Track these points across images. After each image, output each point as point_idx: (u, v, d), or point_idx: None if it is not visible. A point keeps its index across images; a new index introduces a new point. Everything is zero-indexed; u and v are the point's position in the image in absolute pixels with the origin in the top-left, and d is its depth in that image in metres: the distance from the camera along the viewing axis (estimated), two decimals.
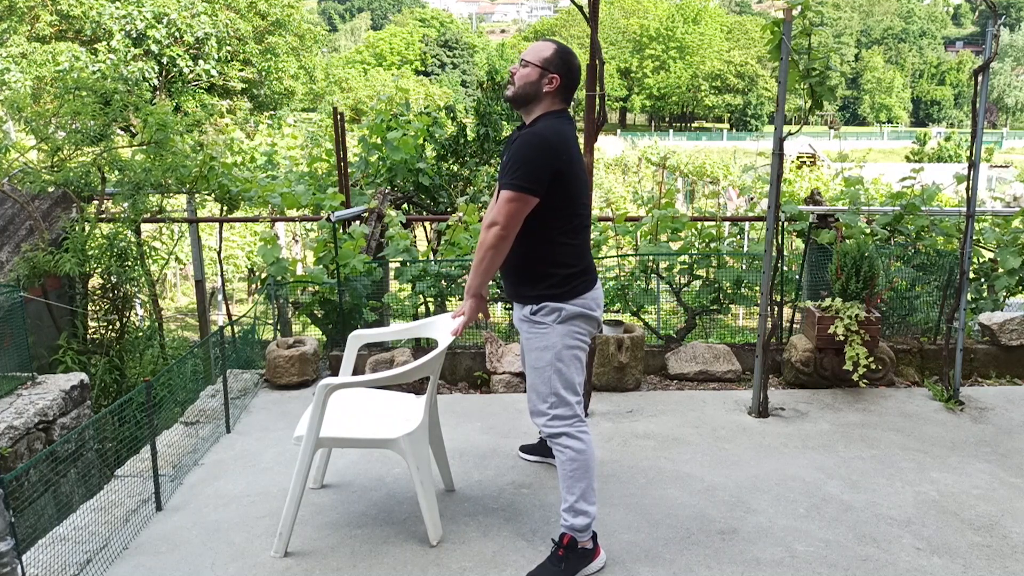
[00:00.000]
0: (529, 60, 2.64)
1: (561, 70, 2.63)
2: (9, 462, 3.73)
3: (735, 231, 9.77)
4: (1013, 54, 68.07)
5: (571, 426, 2.65)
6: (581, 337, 2.70)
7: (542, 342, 2.67)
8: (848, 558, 2.79)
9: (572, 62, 2.67)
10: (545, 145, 2.54)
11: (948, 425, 4.01)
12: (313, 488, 3.32)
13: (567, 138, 2.61)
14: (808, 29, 3.83)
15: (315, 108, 30.15)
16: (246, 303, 12.08)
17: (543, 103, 2.65)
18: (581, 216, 2.68)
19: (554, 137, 2.56)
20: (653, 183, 19.23)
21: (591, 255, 2.80)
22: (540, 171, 2.51)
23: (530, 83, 2.63)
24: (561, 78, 2.63)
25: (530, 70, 2.63)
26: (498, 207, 2.54)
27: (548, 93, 2.63)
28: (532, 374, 2.72)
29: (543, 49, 2.65)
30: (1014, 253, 5.15)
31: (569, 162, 2.57)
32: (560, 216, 2.61)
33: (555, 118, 2.64)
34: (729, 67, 66.33)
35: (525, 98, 2.65)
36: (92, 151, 5.79)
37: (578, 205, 2.65)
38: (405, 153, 7.45)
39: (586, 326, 2.71)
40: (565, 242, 2.64)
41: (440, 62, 65.60)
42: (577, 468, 2.63)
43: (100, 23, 23.02)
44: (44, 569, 2.70)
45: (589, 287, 2.70)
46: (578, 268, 2.67)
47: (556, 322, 2.65)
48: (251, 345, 5.26)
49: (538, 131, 2.59)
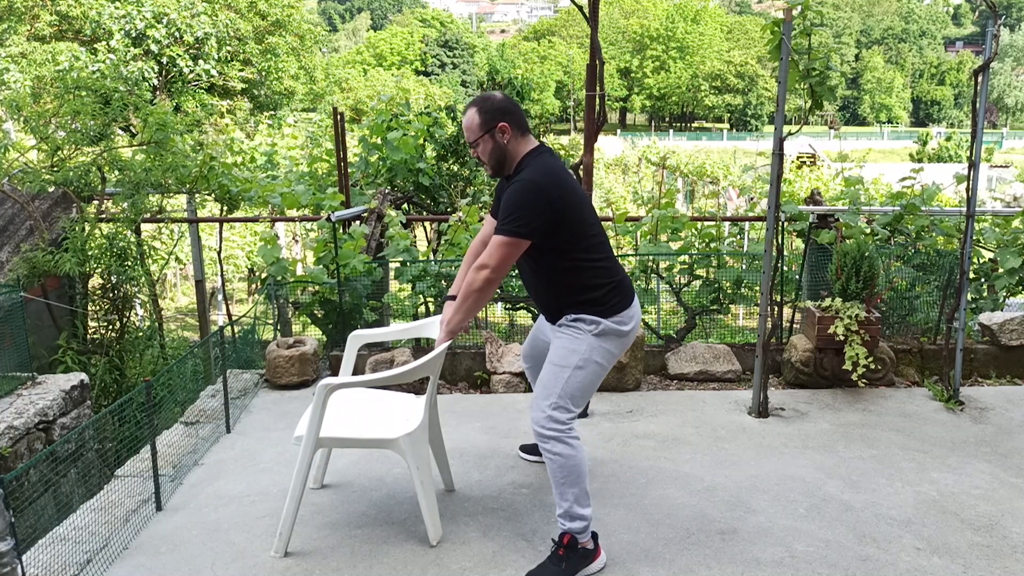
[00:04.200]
0: (474, 138, 2.72)
1: (498, 117, 2.69)
2: (9, 462, 3.73)
3: (735, 231, 9.77)
4: (1013, 54, 68.08)
5: (563, 433, 2.64)
6: (609, 355, 2.74)
7: (572, 344, 2.71)
8: (848, 558, 2.79)
9: (496, 102, 2.72)
10: (535, 189, 2.59)
11: (948, 425, 4.01)
12: (313, 488, 3.32)
13: (555, 171, 2.65)
14: (808, 29, 3.83)
15: (315, 108, 30.16)
16: (246, 303, 12.08)
17: (514, 151, 2.72)
18: (595, 235, 2.73)
19: (542, 178, 2.61)
20: (653, 183, 19.22)
21: (622, 270, 2.83)
22: (532, 215, 2.57)
23: (494, 149, 2.72)
24: (506, 121, 2.69)
25: (482, 144, 2.72)
26: (490, 250, 2.61)
27: (511, 140, 2.70)
28: (548, 368, 2.73)
29: (471, 119, 2.72)
30: (1014, 253, 5.15)
31: (563, 195, 2.62)
32: (574, 242, 2.67)
33: (535, 157, 2.70)
34: (729, 67, 66.35)
35: (501, 162, 2.74)
36: (92, 151, 5.79)
37: (587, 226, 2.69)
38: (405, 153, 7.45)
39: (617, 345, 2.75)
40: (589, 264, 2.70)
41: (440, 62, 65.59)
42: (568, 475, 2.63)
43: (100, 23, 23.02)
44: (44, 569, 2.70)
45: (626, 305, 2.75)
46: (611, 284, 2.72)
47: (592, 333, 2.70)
48: (251, 345, 5.27)
49: (527, 176, 2.64)
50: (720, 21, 73.02)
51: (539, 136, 9.04)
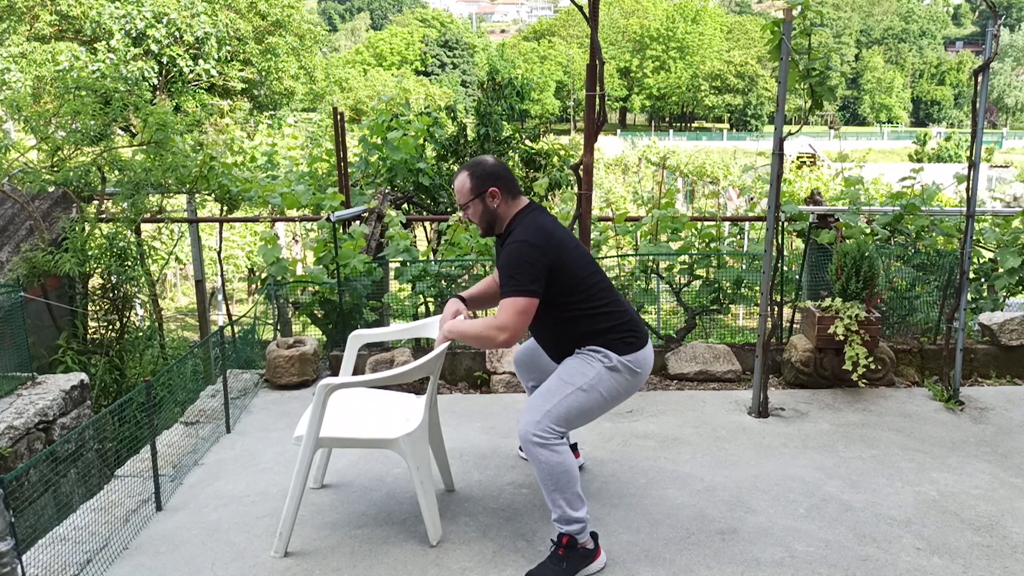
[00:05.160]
0: (465, 202, 2.78)
1: (489, 182, 2.75)
2: (9, 462, 3.73)
3: (735, 231, 9.77)
4: (1013, 54, 68.08)
5: (549, 441, 2.62)
6: (614, 391, 2.74)
7: (583, 367, 2.72)
8: (848, 558, 2.79)
9: (488, 167, 2.77)
10: (531, 248, 2.63)
11: (948, 425, 4.01)
12: (313, 488, 3.32)
13: (545, 228, 2.70)
14: (808, 29, 3.83)
15: (315, 108, 30.16)
16: (246, 303, 12.08)
17: (504, 214, 2.78)
18: (594, 283, 2.75)
19: (535, 237, 2.65)
20: (653, 183, 19.22)
21: (634, 314, 2.84)
22: (535, 272, 2.61)
23: (484, 212, 2.78)
24: (496, 186, 2.74)
25: (472, 207, 2.78)
26: (506, 314, 2.61)
27: (500, 204, 2.76)
28: (555, 381, 2.73)
29: (463, 183, 2.78)
30: (1014, 253, 5.15)
31: (557, 250, 2.67)
32: (573, 294, 2.71)
33: (525, 216, 2.75)
34: (729, 67, 66.35)
35: (491, 224, 2.81)
36: (92, 151, 5.79)
37: (583, 276, 2.73)
38: (405, 153, 7.45)
39: (625, 385, 2.76)
40: (591, 311, 2.73)
41: (440, 62, 65.60)
42: (556, 480, 2.61)
43: (100, 23, 23.02)
44: (44, 569, 2.70)
45: (639, 346, 2.77)
46: (618, 326, 2.75)
47: (604, 366, 2.71)
48: (251, 345, 5.27)
49: (520, 237, 2.67)
50: (720, 21, 73.03)
51: (539, 137, 9.04)
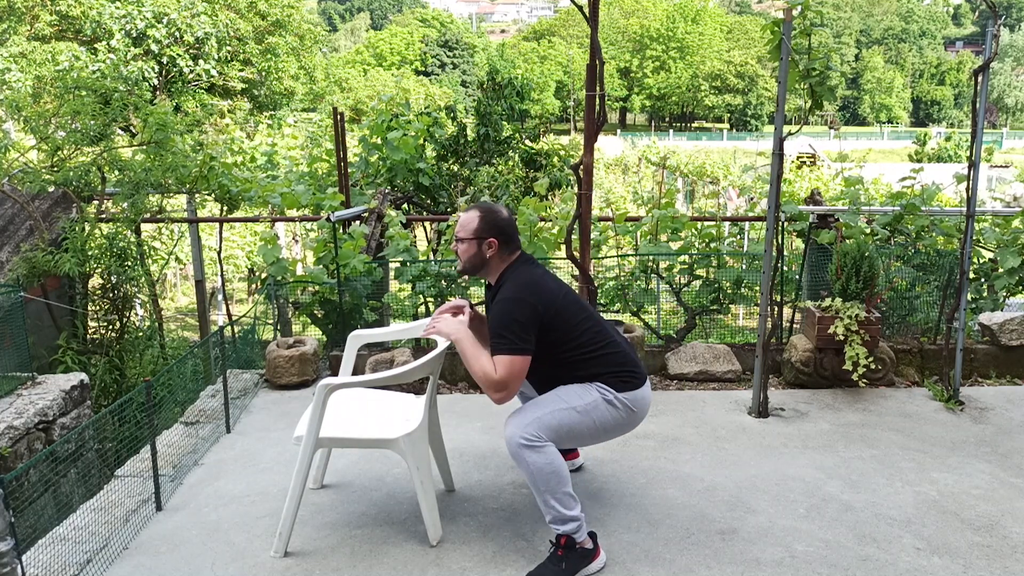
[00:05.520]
0: (463, 236, 2.77)
1: (492, 233, 2.75)
2: (9, 462, 3.73)
3: (735, 231, 9.77)
4: (1013, 54, 68.07)
5: (534, 443, 2.61)
6: (607, 422, 2.74)
7: (581, 392, 2.73)
8: (848, 558, 2.79)
9: (499, 219, 2.77)
10: (520, 304, 2.63)
11: (948, 425, 4.01)
12: (313, 488, 3.32)
13: (534, 282, 2.70)
14: (808, 29, 3.83)
15: (315, 108, 30.16)
16: (246, 303, 12.08)
17: (494, 264, 2.79)
18: (586, 328, 2.75)
19: (525, 292, 2.66)
20: (653, 183, 19.22)
21: (633, 355, 2.84)
22: (526, 328, 2.61)
23: (473, 255, 2.78)
24: (497, 239, 2.75)
25: (467, 245, 2.77)
26: (501, 373, 2.59)
27: (492, 256, 2.77)
28: (551, 396, 2.74)
29: (470, 221, 2.77)
30: (1014, 253, 5.15)
31: (548, 302, 2.67)
32: (570, 340, 2.71)
33: (516, 268, 2.76)
34: (729, 67, 66.34)
35: (475, 268, 2.82)
36: (92, 151, 5.79)
37: (579, 321, 2.74)
38: (405, 153, 7.45)
39: (619, 420, 2.76)
40: (589, 355, 2.74)
41: (440, 62, 65.60)
42: (546, 481, 2.60)
43: (100, 23, 23.03)
44: (44, 569, 2.70)
45: (637, 385, 2.77)
46: (617, 367, 2.75)
47: (602, 397, 2.72)
48: (251, 345, 5.27)
49: (509, 294, 2.67)
50: (720, 21, 73.02)
51: (539, 136, 9.04)
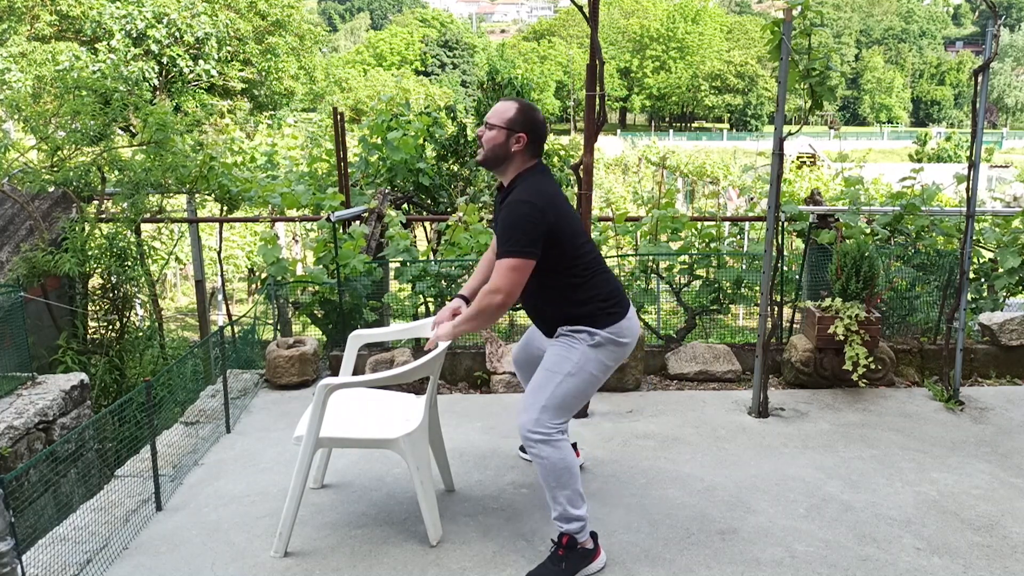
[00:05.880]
0: (494, 123, 2.70)
1: (526, 128, 2.69)
2: (9, 462, 3.73)
3: (735, 231, 9.77)
4: (1013, 54, 68.07)
5: (550, 437, 2.63)
6: (603, 367, 2.74)
7: (568, 352, 2.71)
8: (848, 558, 2.79)
9: (536, 118, 2.72)
10: (532, 209, 2.59)
11: (948, 425, 4.01)
12: (313, 488, 3.32)
13: (550, 193, 2.67)
14: (808, 29, 3.83)
15: (315, 108, 30.17)
16: (246, 303, 12.08)
17: (515, 163, 2.72)
18: (586, 252, 2.74)
19: (538, 198, 2.62)
20: (653, 183, 19.22)
21: (617, 283, 2.83)
22: (533, 234, 2.57)
23: (498, 145, 2.70)
24: (527, 135, 2.69)
25: (496, 132, 2.70)
26: (501, 276, 2.57)
27: (517, 152, 2.70)
28: (541, 373, 2.72)
29: (506, 110, 2.70)
30: (1014, 253, 5.15)
31: (557, 215, 2.63)
32: (567, 261, 2.68)
33: (532, 175, 2.70)
34: (729, 67, 66.35)
35: (496, 160, 2.73)
36: (92, 151, 5.78)
37: (579, 245, 2.71)
38: (405, 153, 7.45)
39: (613, 356, 2.75)
40: (582, 280, 2.71)
41: (440, 62, 65.61)
42: (558, 477, 2.61)
43: (100, 23, 23.04)
44: (44, 569, 2.70)
45: (621, 316, 2.75)
46: (605, 297, 2.73)
47: (587, 344, 2.70)
48: (251, 345, 5.27)
49: (522, 197, 2.63)
50: (720, 21, 73.04)
51: None
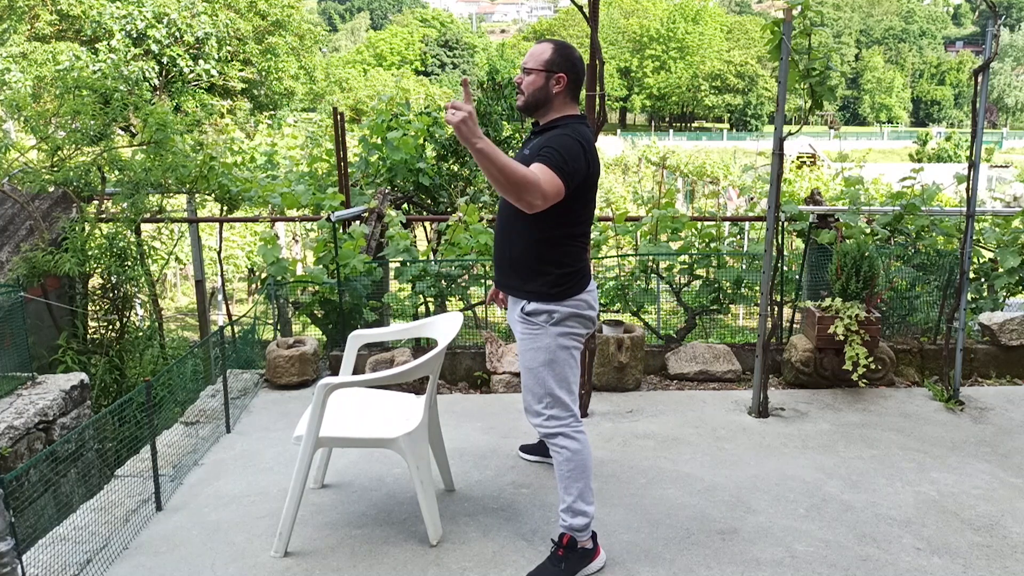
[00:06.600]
0: (531, 67, 2.64)
1: (565, 67, 2.63)
2: (9, 462, 3.73)
3: (735, 231, 9.77)
4: (1013, 54, 68.08)
5: (567, 426, 2.65)
6: (576, 336, 2.69)
7: (535, 343, 2.67)
8: (848, 558, 2.79)
9: (573, 56, 2.67)
10: (578, 145, 2.51)
11: (948, 425, 4.01)
12: (313, 488, 3.32)
13: (591, 142, 2.62)
14: (808, 29, 3.83)
15: (315, 108, 30.16)
16: (246, 303, 12.08)
17: (556, 106, 2.65)
18: (588, 218, 2.70)
19: (585, 141, 2.56)
20: (653, 183, 19.23)
21: (588, 255, 2.80)
22: (575, 165, 2.47)
23: (538, 88, 2.63)
24: (567, 75, 2.63)
25: (535, 76, 2.63)
26: (548, 180, 2.36)
27: (558, 94, 2.64)
28: (526, 374, 2.71)
29: (542, 52, 2.64)
30: (1014, 253, 5.15)
31: (588, 169, 2.55)
32: (574, 219, 2.62)
33: (574, 121, 2.62)
34: (729, 67, 66.33)
35: (537, 104, 2.66)
36: (92, 151, 5.78)
37: (590, 211, 2.68)
38: (405, 153, 7.44)
39: (580, 325, 2.70)
40: (570, 245, 2.65)
41: (440, 62, 65.64)
42: (574, 468, 2.63)
43: (100, 23, 23.04)
44: (44, 569, 2.70)
45: (582, 288, 2.69)
46: (574, 269, 2.67)
47: (549, 324, 2.64)
48: (251, 345, 5.27)
49: (569, 132, 2.54)
50: (720, 21, 73.01)
51: None
